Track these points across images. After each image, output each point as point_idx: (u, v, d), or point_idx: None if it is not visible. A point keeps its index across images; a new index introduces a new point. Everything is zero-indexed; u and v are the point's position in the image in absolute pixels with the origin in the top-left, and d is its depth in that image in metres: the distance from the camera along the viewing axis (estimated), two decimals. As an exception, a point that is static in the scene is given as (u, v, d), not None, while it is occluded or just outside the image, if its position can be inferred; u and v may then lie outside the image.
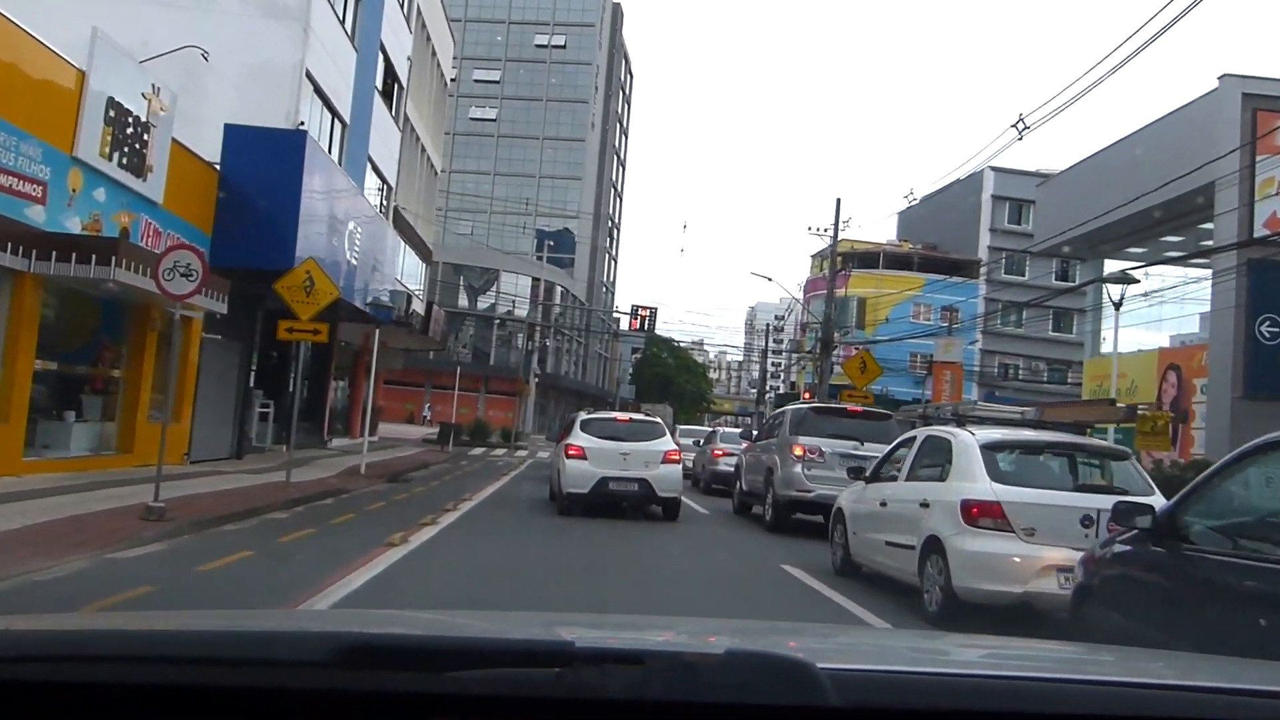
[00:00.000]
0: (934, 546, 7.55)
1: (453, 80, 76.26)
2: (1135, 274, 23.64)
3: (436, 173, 34.30)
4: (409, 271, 30.46)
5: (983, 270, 60.31)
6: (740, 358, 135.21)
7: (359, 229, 21.19)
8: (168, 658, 1.36)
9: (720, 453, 21.27)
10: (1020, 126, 19.67)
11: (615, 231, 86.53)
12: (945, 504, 7.60)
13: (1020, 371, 61.60)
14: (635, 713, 1.26)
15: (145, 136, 13.78)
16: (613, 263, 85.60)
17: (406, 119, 27.78)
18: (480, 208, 70.77)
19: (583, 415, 15.54)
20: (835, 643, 2.36)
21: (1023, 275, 58.97)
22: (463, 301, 60.62)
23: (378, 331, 20.95)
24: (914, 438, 9.38)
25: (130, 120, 13.38)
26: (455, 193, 68.00)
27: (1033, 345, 60.98)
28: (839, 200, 34.09)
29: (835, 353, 35.74)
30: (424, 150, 31.16)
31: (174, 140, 14.62)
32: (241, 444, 19.40)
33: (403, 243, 28.61)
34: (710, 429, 36.06)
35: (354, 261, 21.05)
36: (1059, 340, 61.43)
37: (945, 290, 57.88)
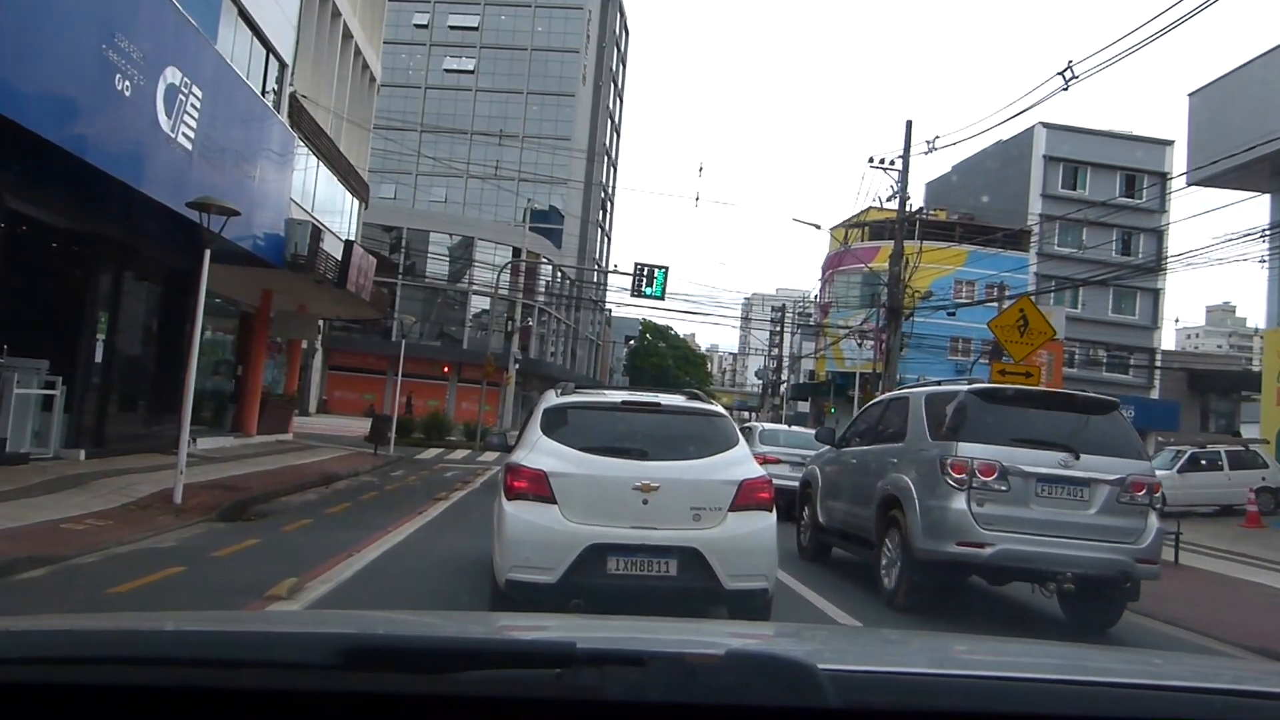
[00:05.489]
0: None
1: (423, 27, 67.64)
2: None
3: (374, 78, 25.64)
4: (328, 201, 21.83)
5: (1033, 240, 52.38)
6: (735, 349, 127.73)
7: (195, 91, 12.64)
8: (169, 659, 1.33)
9: (762, 459, 13.72)
10: (1068, 75, 15.70)
11: (608, 204, 77.68)
12: None
13: (1076, 356, 53.32)
14: (635, 714, 1.25)
15: None
16: (605, 239, 76.83)
17: (314, -27, 19.17)
18: (455, 171, 61.95)
19: (550, 398, 6.70)
20: (835, 644, 2.39)
21: (1078, 248, 51.39)
22: (433, 271, 51.94)
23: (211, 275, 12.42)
24: None
25: None
26: (427, 153, 59.31)
27: (1089, 328, 52.80)
28: (909, 124, 26.05)
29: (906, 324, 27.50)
30: (349, 36, 22.51)
31: None
32: (-44, 451, 10.83)
33: (311, 154, 20.00)
34: (743, 424, 27.62)
35: (184, 141, 12.50)
36: (1119, 323, 53.65)
37: (990, 264, 49.85)
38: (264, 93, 17.16)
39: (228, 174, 14.25)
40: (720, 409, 6.87)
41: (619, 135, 79.89)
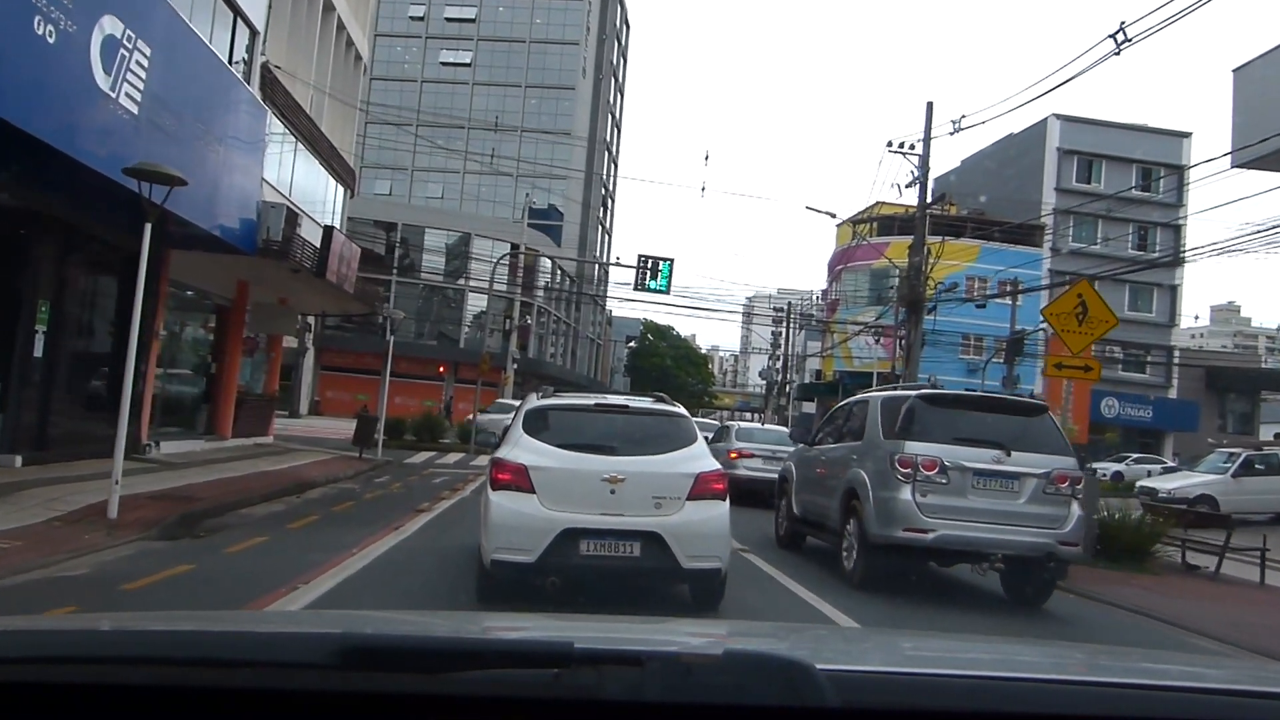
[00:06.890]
0: None
1: (419, 19, 66.13)
2: None
3: (360, 57, 24.08)
4: (308, 186, 20.29)
5: (1047, 234, 50.93)
6: (737, 350, 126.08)
7: (141, 46, 11.09)
8: (168, 659, 1.30)
9: (737, 454, 16.80)
10: (1120, 39, 14.28)
11: (609, 201, 76.07)
12: None
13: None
14: (633, 714, 1.23)
15: None
16: (606, 236, 75.23)
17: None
18: (452, 166, 60.39)
19: (532, 401, 7.58)
20: (834, 644, 2.37)
21: (1092, 242, 50.02)
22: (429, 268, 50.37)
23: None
24: None
25: None
26: (423, 149, 57.79)
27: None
28: (930, 105, 24.57)
29: (928, 319, 26.03)
30: (331, 8, 20.95)
31: None
32: None
33: (289, 133, 18.45)
34: (720, 423, 29.25)
35: (128, 103, 10.95)
36: (1136, 320, 52.11)
37: (1002, 259, 48.43)
38: (232, 61, 15.60)
39: (185, 145, 12.68)
40: (681, 410, 7.53)
41: (620, 130, 78.35)
